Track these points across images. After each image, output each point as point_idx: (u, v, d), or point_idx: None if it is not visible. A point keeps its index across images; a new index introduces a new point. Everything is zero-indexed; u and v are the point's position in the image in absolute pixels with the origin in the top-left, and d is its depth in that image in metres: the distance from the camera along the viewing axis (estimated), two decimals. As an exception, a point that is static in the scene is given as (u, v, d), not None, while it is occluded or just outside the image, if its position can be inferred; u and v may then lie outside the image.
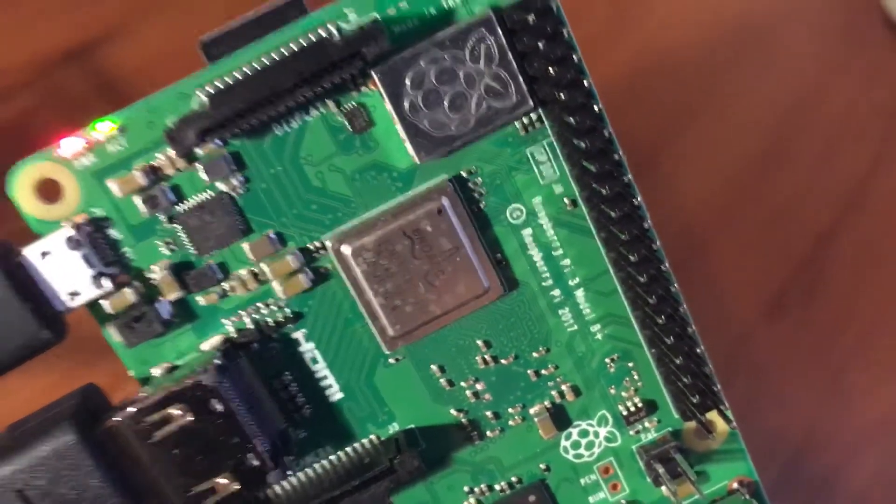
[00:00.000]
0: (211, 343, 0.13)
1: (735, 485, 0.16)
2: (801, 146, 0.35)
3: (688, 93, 0.37)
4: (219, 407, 0.13)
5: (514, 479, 0.15)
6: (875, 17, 0.41)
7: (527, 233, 0.14)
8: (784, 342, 0.29)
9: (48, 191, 0.12)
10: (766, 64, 0.39)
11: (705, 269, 0.32)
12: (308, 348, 0.14)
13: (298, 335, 0.14)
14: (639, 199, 0.13)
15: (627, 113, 0.36)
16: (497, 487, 0.15)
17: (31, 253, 0.12)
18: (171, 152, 0.12)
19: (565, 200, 0.14)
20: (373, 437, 0.14)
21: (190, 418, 0.13)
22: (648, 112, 0.36)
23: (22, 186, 0.12)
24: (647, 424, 0.15)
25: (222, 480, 0.13)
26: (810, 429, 0.28)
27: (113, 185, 0.12)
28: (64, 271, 0.12)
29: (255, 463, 0.13)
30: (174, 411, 0.13)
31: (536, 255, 0.14)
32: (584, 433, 0.15)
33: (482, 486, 0.15)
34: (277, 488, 0.14)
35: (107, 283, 0.12)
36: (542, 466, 0.15)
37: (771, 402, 0.28)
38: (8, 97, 0.39)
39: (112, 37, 0.41)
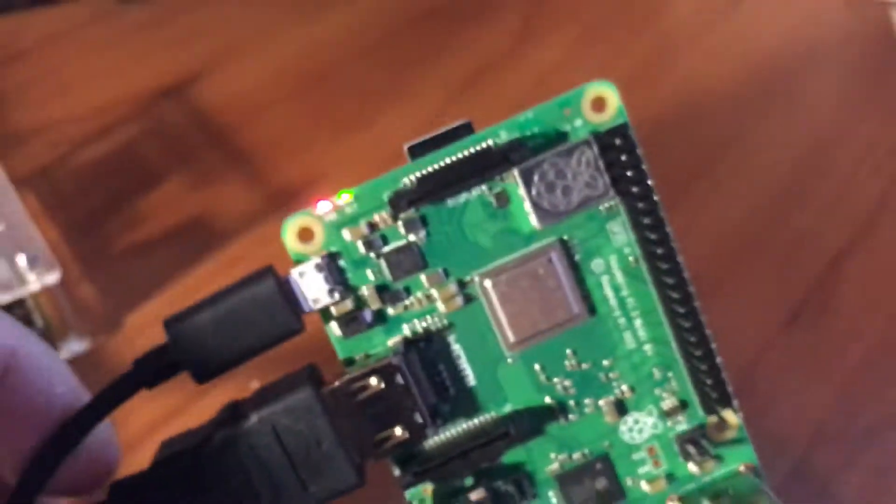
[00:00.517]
0: (394, 340, 0.20)
1: (742, 468, 0.22)
2: (821, 180, 0.41)
3: (717, 132, 0.43)
4: (400, 380, 0.19)
5: (586, 451, 0.21)
6: (893, 59, 0.47)
7: (604, 279, 0.20)
8: (798, 353, 0.35)
9: (304, 234, 0.19)
10: (791, 105, 0.44)
11: (731, 289, 0.37)
12: (456, 349, 0.20)
13: (451, 339, 0.20)
14: (680, 258, 0.20)
15: (665, 148, 0.43)
16: (574, 456, 0.21)
17: (294, 273, 0.19)
18: (385, 213, 0.19)
19: (631, 258, 0.20)
20: (493, 413, 0.21)
21: (381, 387, 0.19)
22: (683, 148, 0.42)
23: (289, 231, 0.19)
24: (680, 418, 0.21)
25: (397, 431, 0.19)
26: (818, 428, 0.33)
27: (346, 233, 0.19)
28: (310, 286, 0.19)
29: (420, 421, 0.19)
30: (371, 381, 0.19)
31: (610, 294, 0.20)
32: (636, 421, 0.21)
33: (563, 454, 0.21)
34: (430, 443, 0.20)
35: (335, 296, 0.19)
36: (606, 444, 0.21)
37: (785, 405, 0.34)
38: (114, 130, 0.45)
39: (204, 75, 0.48)
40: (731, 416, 0.21)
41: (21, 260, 0.36)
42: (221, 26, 0.51)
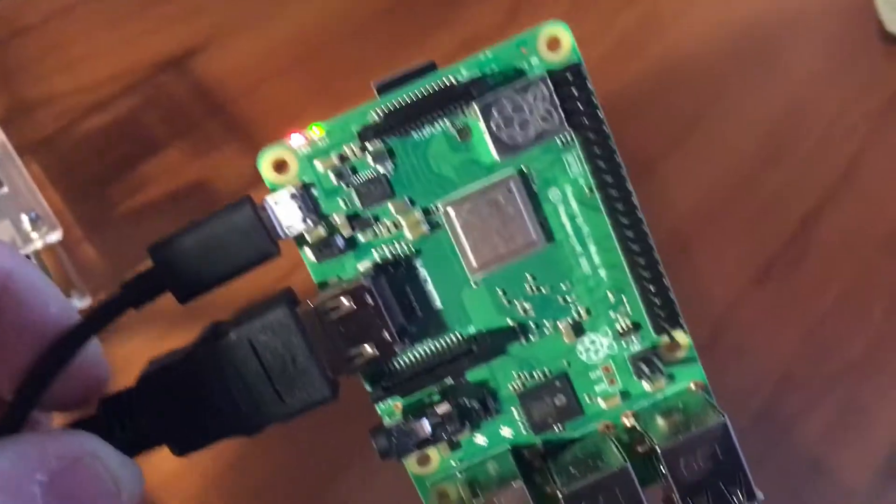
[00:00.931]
0: (365, 265, 0.22)
1: (692, 386, 0.23)
2: (795, 142, 0.42)
3: (696, 98, 0.44)
4: (369, 301, 0.21)
5: (546, 370, 0.23)
6: (871, 29, 0.47)
7: (561, 208, 0.22)
8: (769, 304, 0.37)
9: (279, 165, 0.21)
10: (768, 72, 0.45)
11: (706, 245, 0.39)
12: (422, 273, 0.22)
13: (417, 264, 0.22)
14: (629, 185, 0.21)
15: (647, 114, 0.44)
16: (534, 375, 0.23)
17: (268, 200, 0.21)
18: (354, 146, 0.21)
19: (585, 188, 0.22)
20: (458, 333, 0.22)
21: (352, 307, 0.21)
22: (661, 114, 0.43)
23: (265, 162, 0.21)
24: (634, 339, 0.23)
25: (367, 348, 0.21)
26: (785, 374, 0.35)
27: (318, 164, 0.21)
28: (285, 214, 0.21)
29: (388, 338, 0.21)
30: (343, 302, 0.21)
31: (566, 222, 0.22)
32: (592, 342, 0.23)
33: (525, 373, 0.23)
34: (399, 362, 0.22)
35: (309, 223, 0.21)
36: (565, 363, 0.23)
37: (753, 352, 0.36)
38: (118, 99, 0.46)
39: (204, 48, 0.49)
40: (681, 337, 0.23)
41: (24, 220, 0.37)
42: (220, 3, 0.52)
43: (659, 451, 0.21)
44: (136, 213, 0.43)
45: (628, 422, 0.23)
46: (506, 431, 0.23)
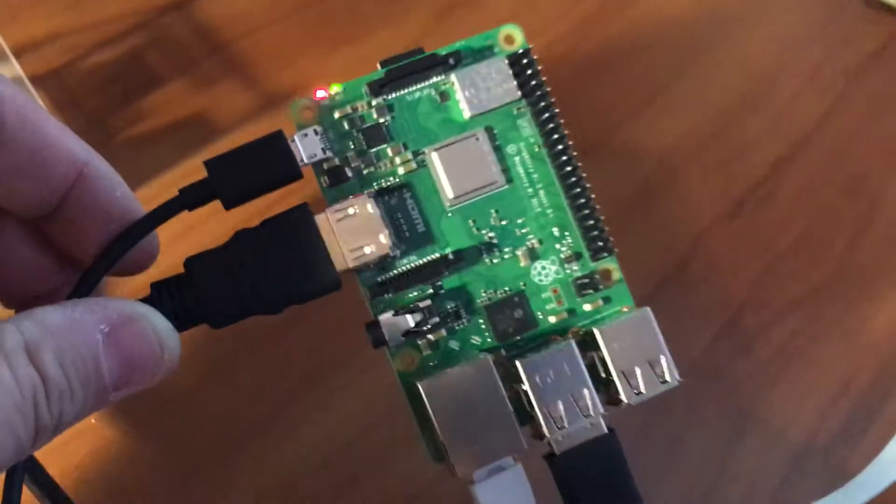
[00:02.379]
0: (367, 192, 0.28)
1: (625, 308, 0.29)
2: (772, 96, 0.46)
3: (676, 56, 0.48)
4: (370, 209, 0.27)
5: (507, 288, 0.28)
6: None
7: (517, 159, 0.29)
8: (736, 238, 0.41)
9: (305, 113, 0.28)
10: (749, 30, 0.48)
11: (680, 186, 0.43)
12: (411, 202, 0.28)
13: (406, 195, 0.28)
14: (565, 138, 0.28)
15: (626, 68, 0.47)
16: (498, 292, 0.28)
17: (298, 135, 0.27)
18: (363, 102, 0.28)
19: (535, 146, 0.29)
20: (438, 253, 0.28)
21: (356, 213, 0.26)
22: (643, 70, 0.47)
23: (296, 109, 0.28)
24: (575, 266, 0.29)
25: (367, 249, 0.27)
26: (748, 297, 0.40)
27: (335, 113, 0.28)
28: (307, 146, 0.27)
29: (384, 241, 0.27)
30: (349, 210, 0.27)
31: (521, 170, 0.29)
32: (543, 267, 0.29)
33: (490, 290, 0.28)
34: (389, 274, 0.28)
35: (327, 153, 0.27)
36: (522, 283, 0.28)
37: (719, 278, 0.40)
38: (121, 39, 0.47)
39: None
40: (611, 265, 0.29)
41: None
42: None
43: (595, 333, 0.26)
44: (139, 142, 0.45)
45: (574, 336, 0.28)
46: (475, 339, 0.28)
